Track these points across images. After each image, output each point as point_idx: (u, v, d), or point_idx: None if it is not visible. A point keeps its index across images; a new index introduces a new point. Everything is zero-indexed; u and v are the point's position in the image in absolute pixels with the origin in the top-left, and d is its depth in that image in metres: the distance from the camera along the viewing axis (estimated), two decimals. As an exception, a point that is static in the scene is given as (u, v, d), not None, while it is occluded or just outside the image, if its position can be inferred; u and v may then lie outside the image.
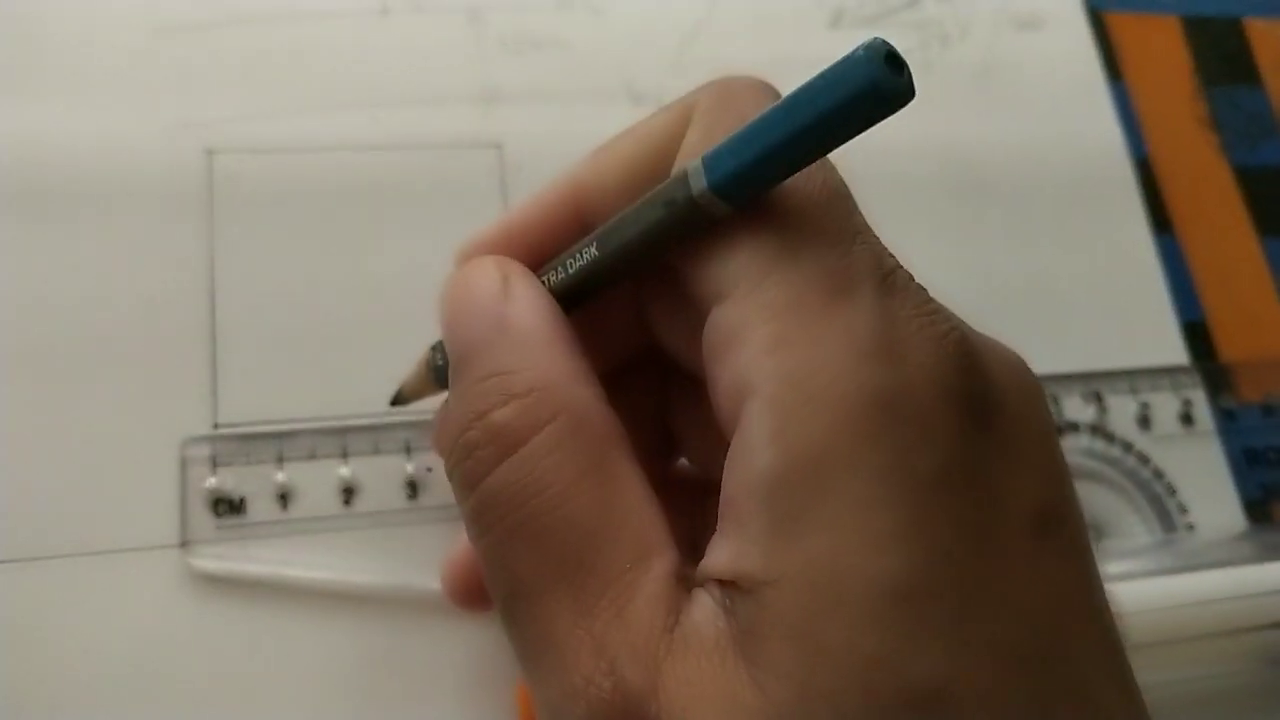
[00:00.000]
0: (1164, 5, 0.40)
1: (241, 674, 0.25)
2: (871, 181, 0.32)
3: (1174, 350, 0.34)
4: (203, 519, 0.26)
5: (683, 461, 0.24)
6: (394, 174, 0.30)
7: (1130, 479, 0.31)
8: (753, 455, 0.15)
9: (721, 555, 0.15)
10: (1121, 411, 0.32)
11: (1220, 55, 0.40)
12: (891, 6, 0.35)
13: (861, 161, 0.32)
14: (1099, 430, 0.32)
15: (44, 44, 0.30)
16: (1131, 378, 0.32)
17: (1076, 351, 0.32)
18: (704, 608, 0.15)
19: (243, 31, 0.31)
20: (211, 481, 0.26)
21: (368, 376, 0.28)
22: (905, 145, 0.34)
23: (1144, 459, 0.32)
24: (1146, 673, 0.27)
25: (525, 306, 0.18)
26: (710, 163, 0.17)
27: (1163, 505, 0.31)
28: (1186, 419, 0.32)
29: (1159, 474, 0.32)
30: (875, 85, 0.15)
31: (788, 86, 0.34)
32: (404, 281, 0.29)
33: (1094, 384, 0.32)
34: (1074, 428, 0.31)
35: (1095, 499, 0.31)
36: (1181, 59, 0.40)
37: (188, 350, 0.27)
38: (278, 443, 0.27)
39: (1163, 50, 0.39)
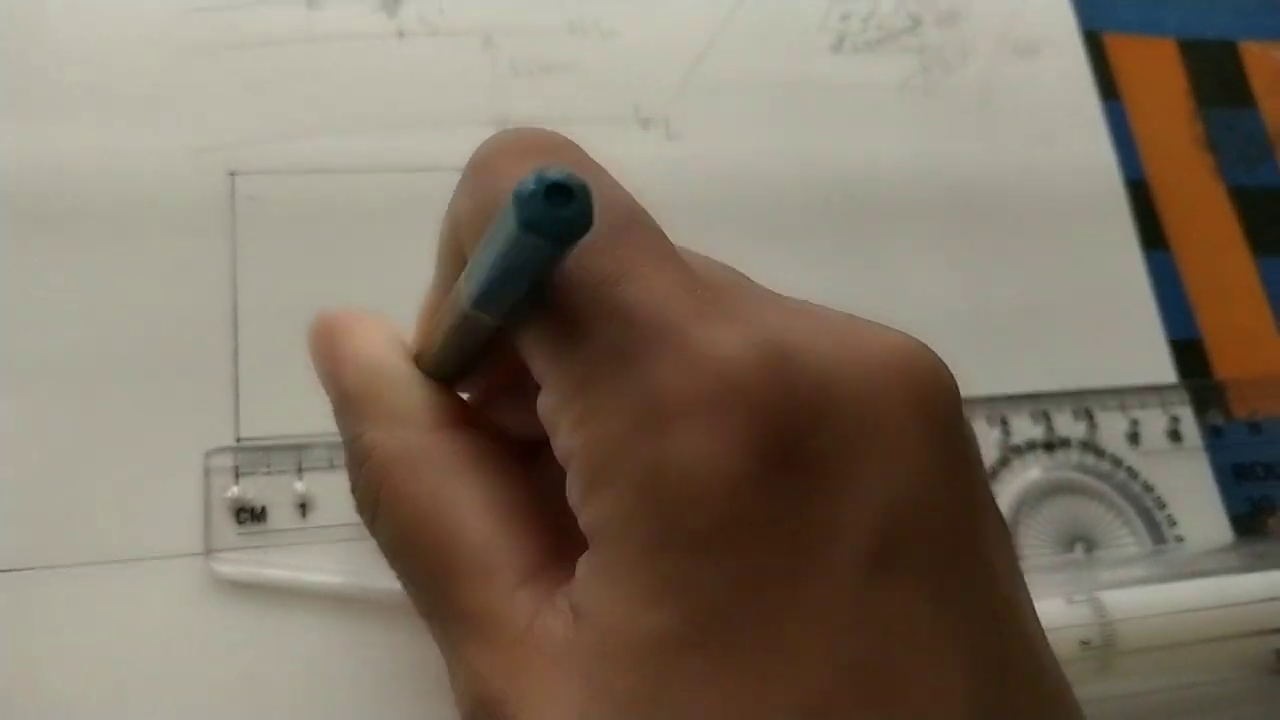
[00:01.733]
0: (1161, 28, 0.41)
1: (264, 678, 0.26)
2: (873, 202, 0.34)
3: (1163, 368, 0.34)
4: (225, 527, 0.27)
5: None
6: (410, 194, 0.31)
7: (1121, 493, 0.32)
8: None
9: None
10: (1111, 428, 0.33)
11: (1216, 78, 0.41)
12: (892, 31, 0.36)
13: (863, 182, 0.33)
14: (1089, 446, 0.33)
15: (70, 69, 0.31)
16: (1121, 395, 0.33)
17: (1067, 369, 0.33)
18: (560, 614, 0.17)
19: (262, 55, 0.32)
20: (234, 490, 0.27)
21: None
22: (906, 167, 0.35)
23: (1134, 474, 0.32)
24: (1137, 679, 0.28)
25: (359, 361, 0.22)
26: (467, 282, 0.18)
27: (1152, 518, 0.32)
28: (1175, 435, 0.33)
29: (1149, 488, 0.32)
30: (534, 223, 0.14)
31: (792, 108, 0.35)
32: (420, 298, 0.30)
33: (1084, 401, 0.33)
34: (1065, 443, 0.32)
35: (1087, 512, 0.32)
36: (1178, 81, 0.40)
37: (211, 365, 0.29)
38: (297, 454, 0.28)
39: (1160, 72, 0.40)
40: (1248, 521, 0.33)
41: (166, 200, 0.30)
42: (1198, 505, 0.32)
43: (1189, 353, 0.35)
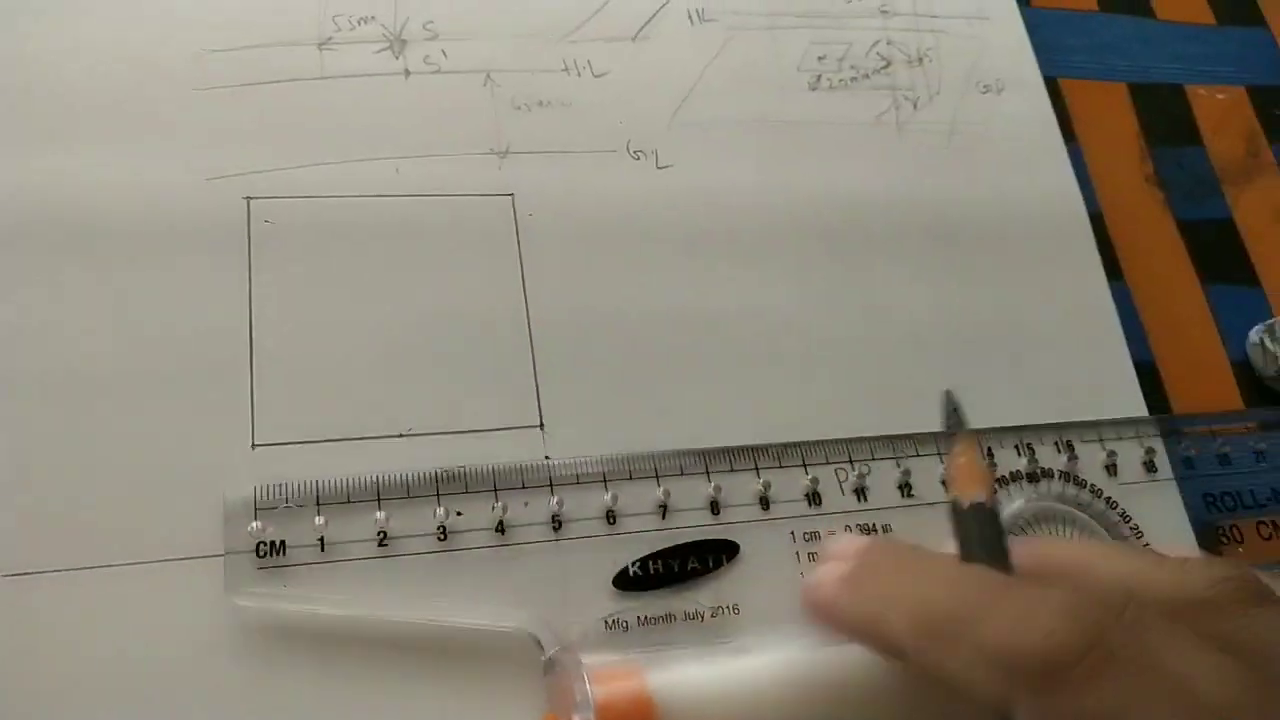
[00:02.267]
0: (1113, 73, 0.44)
1: (280, 684, 0.27)
2: (851, 229, 0.36)
3: (1134, 397, 0.37)
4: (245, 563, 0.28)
5: None
6: (416, 219, 0.33)
7: (1101, 521, 0.34)
8: None
9: None
10: (1091, 459, 0.34)
11: (1165, 119, 0.44)
12: (864, 71, 0.39)
13: (841, 209, 0.36)
14: (1071, 477, 0.34)
15: (97, 105, 0.33)
16: (1099, 428, 0.35)
17: (1048, 402, 0.35)
18: None
19: (276, 92, 0.34)
20: (254, 526, 0.28)
21: (392, 400, 0.31)
22: (881, 196, 0.37)
23: (1112, 504, 0.34)
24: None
25: None
26: None
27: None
28: (1150, 466, 0.35)
29: (1126, 517, 0.34)
30: None
31: (773, 141, 0.38)
32: (427, 317, 0.32)
33: (1066, 433, 0.34)
34: (1049, 474, 0.34)
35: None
36: (1129, 122, 0.43)
37: (228, 376, 0.30)
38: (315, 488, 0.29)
39: (1111, 114, 0.43)
40: (1214, 549, 0.34)
41: (186, 224, 0.32)
42: (1171, 533, 0.34)
43: (1147, 379, 0.37)
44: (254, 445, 0.30)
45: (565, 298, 0.33)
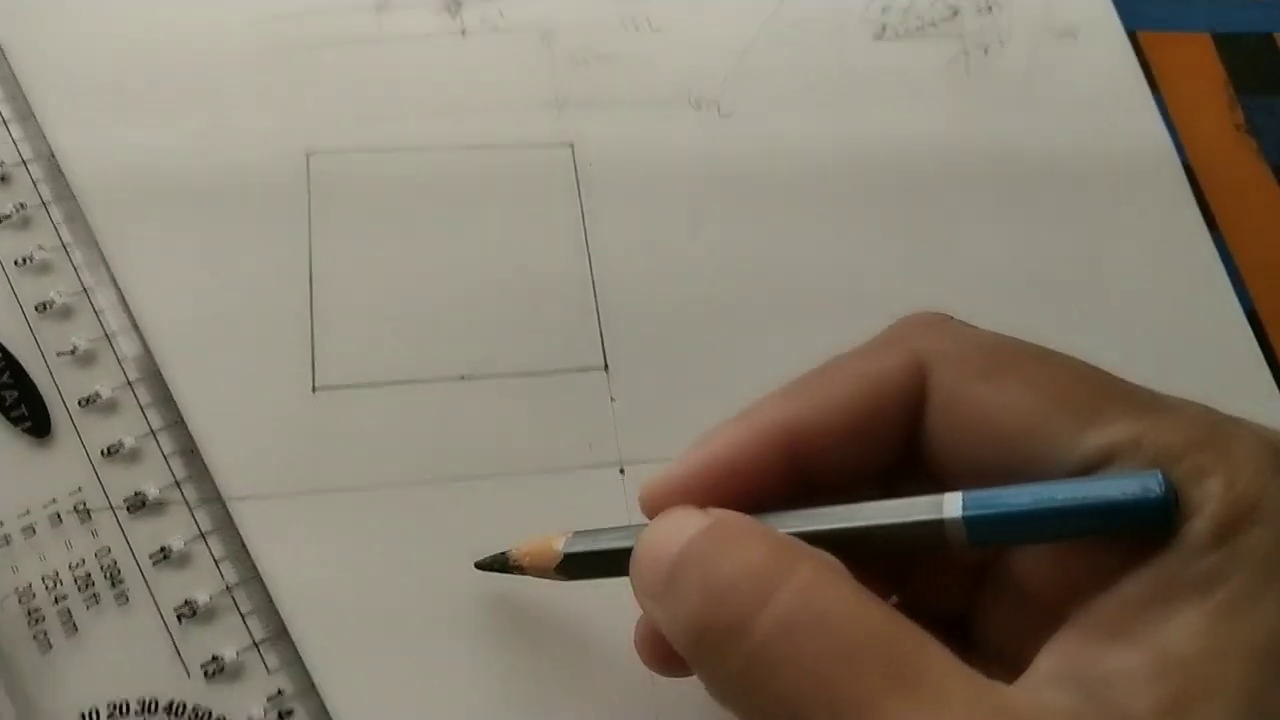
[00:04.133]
0: (1195, 23, 0.42)
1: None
2: (920, 175, 0.34)
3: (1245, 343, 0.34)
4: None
5: None
6: (475, 170, 0.33)
7: None
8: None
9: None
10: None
11: (1252, 67, 0.42)
12: (931, 19, 0.38)
13: (909, 156, 0.34)
14: None
15: (170, 70, 0.33)
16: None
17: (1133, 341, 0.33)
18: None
19: (336, 54, 0.34)
20: None
21: (452, 345, 0.30)
22: (952, 145, 0.36)
23: None
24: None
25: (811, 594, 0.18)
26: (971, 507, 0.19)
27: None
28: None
29: None
30: (1161, 506, 0.17)
31: (836, 90, 0.37)
32: (485, 265, 0.31)
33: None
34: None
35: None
36: (1216, 72, 0.41)
37: (290, 322, 0.30)
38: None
39: (1196, 64, 0.41)
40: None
41: (252, 179, 0.32)
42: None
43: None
44: (314, 389, 0.29)
45: (627, 244, 0.32)
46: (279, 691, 0.26)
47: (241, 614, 0.26)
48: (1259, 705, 0.16)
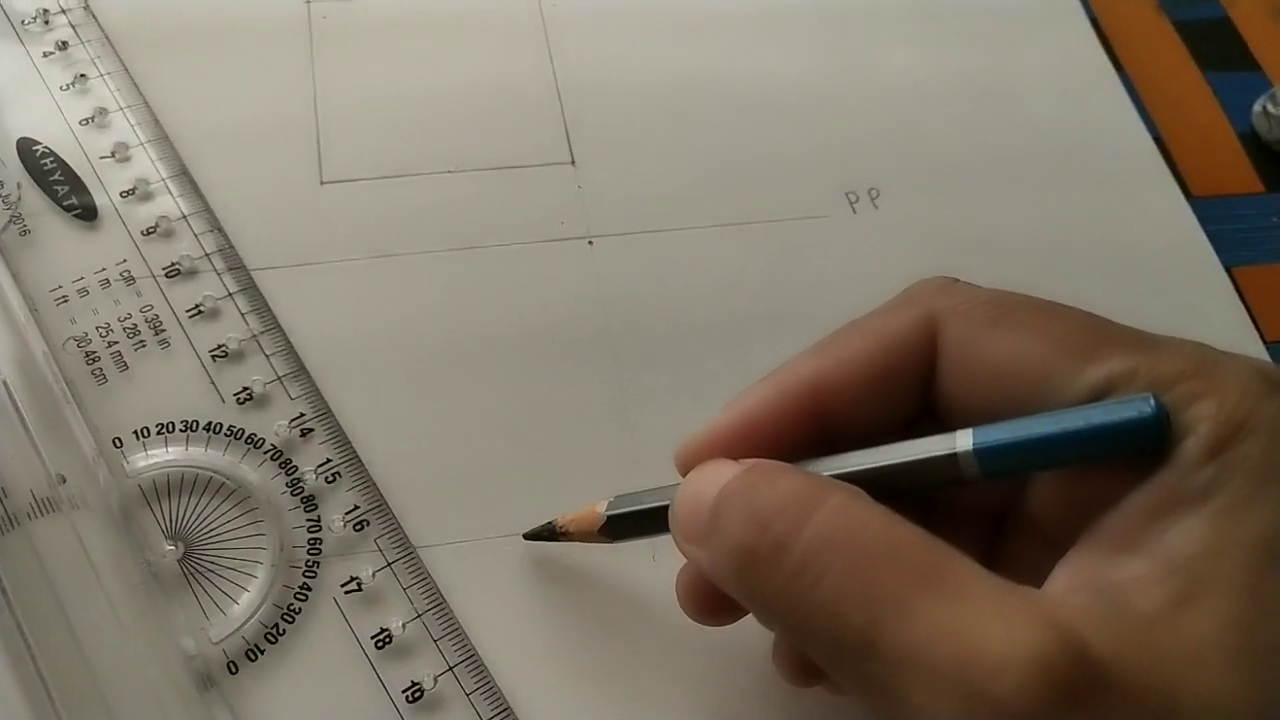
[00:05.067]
0: None
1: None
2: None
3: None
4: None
5: None
6: (465, 7, 0.38)
7: None
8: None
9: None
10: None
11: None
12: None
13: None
14: None
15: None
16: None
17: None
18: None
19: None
20: None
21: (436, 141, 0.35)
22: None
23: None
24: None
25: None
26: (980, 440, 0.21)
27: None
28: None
29: None
30: (1154, 424, 0.19)
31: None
32: (464, 80, 0.36)
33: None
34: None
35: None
36: None
37: (297, 131, 0.35)
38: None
39: None
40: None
41: (256, 20, 0.37)
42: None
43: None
44: (322, 182, 0.34)
45: (591, 60, 0.37)
46: (300, 414, 0.30)
47: (266, 355, 0.31)
48: (1259, 592, 0.18)
